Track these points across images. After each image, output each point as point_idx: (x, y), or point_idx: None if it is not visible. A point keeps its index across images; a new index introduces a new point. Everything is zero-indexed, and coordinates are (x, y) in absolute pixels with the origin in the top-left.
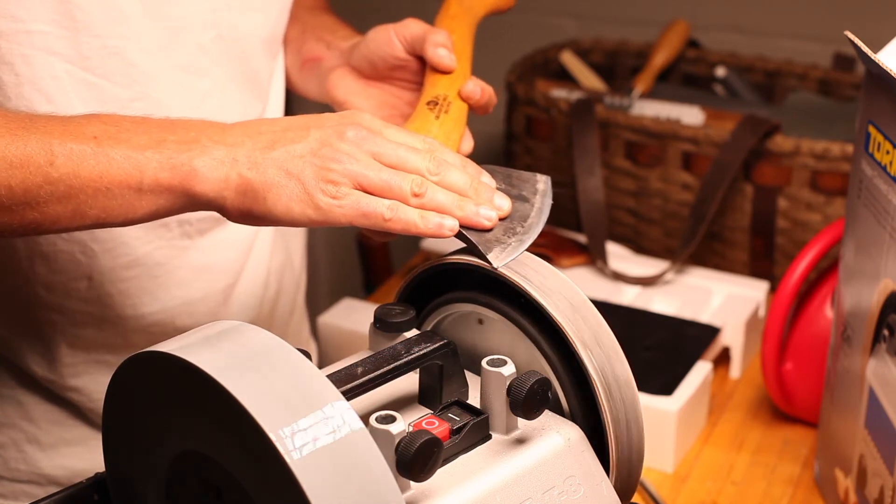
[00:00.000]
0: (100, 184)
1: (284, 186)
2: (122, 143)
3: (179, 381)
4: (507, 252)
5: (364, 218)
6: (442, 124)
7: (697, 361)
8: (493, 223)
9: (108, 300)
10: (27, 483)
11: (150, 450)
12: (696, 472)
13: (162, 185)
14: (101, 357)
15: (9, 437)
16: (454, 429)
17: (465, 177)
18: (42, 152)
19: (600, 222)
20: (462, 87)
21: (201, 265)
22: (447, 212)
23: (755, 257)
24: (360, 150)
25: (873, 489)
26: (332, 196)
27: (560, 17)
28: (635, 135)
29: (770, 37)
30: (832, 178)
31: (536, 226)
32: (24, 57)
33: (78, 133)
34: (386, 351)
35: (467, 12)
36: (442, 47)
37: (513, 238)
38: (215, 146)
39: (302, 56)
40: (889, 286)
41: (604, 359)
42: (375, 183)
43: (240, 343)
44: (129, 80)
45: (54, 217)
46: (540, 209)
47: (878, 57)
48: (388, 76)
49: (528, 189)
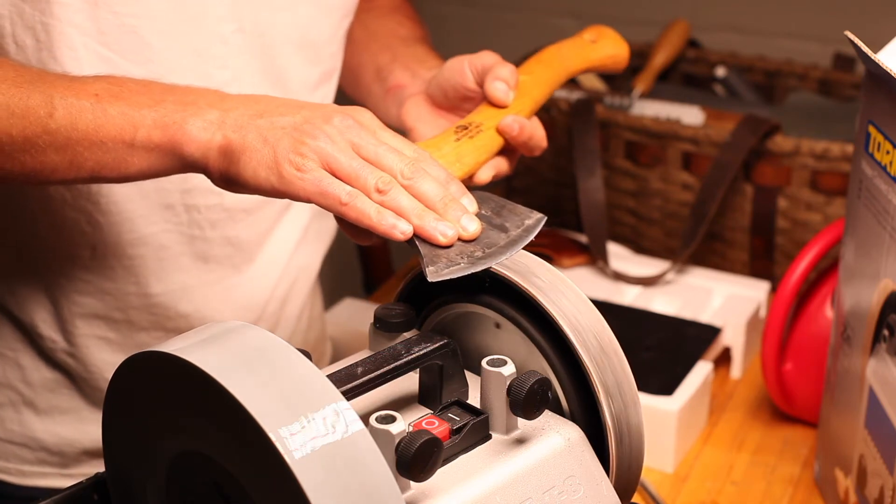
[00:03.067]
0: (95, 137)
1: (258, 151)
2: (122, 101)
3: (179, 381)
4: (450, 270)
5: (322, 196)
6: (458, 147)
7: (698, 361)
8: (449, 241)
9: (111, 273)
10: (19, 445)
11: (150, 450)
12: (696, 472)
13: (153, 142)
14: (101, 332)
15: (7, 398)
16: (454, 429)
17: (438, 190)
18: (43, 104)
19: (601, 222)
20: (502, 120)
21: (204, 255)
22: (405, 217)
23: (755, 257)
24: (341, 136)
25: (873, 489)
26: (297, 167)
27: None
28: (635, 135)
29: (770, 37)
30: (832, 178)
31: (499, 255)
32: (44, 25)
33: (81, 90)
34: (386, 351)
35: (560, 61)
36: (501, 81)
37: (464, 260)
38: (210, 109)
39: (388, 84)
40: (889, 286)
41: (604, 359)
42: (344, 168)
43: (240, 343)
44: (143, 58)
45: (52, 165)
46: (513, 241)
47: (878, 57)
48: (458, 107)
49: (513, 221)
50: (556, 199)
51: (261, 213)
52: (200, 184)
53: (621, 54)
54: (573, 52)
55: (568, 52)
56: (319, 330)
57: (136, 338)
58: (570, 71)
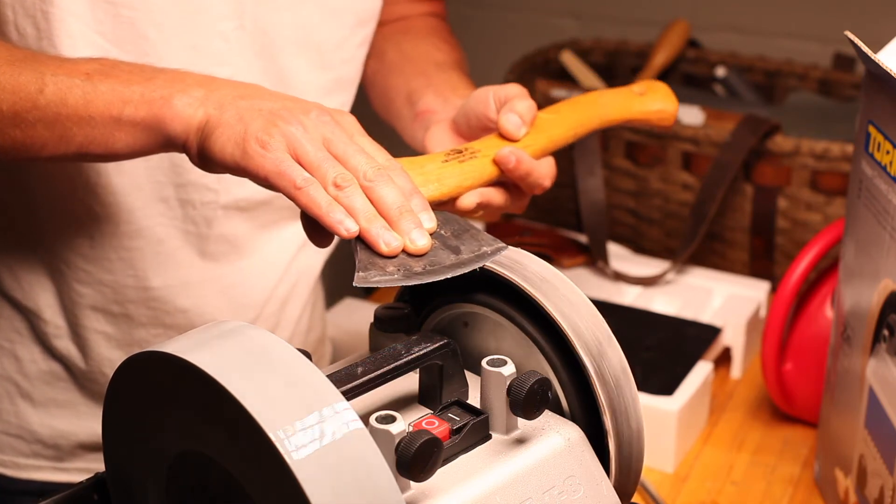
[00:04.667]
0: (84, 112)
1: (231, 127)
2: (112, 79)
3: (179, 381)
4: (377, 280)
5: (278, 177)
6: (443, 168)
7: (698, 361)
8: (392, 251)
9: (108, 265)
10: (15, 437)
11: (150, 450)
12: (696, 472)
13: (139, 116)
14: (100, 326)
15: (3, 389)
16: (454, 429)
17: (397, 198)
18: (34, 81)
19: (601, 222)
20: (499, 151)
21: (202, 250)
22: (355, 217)
23: (755, 257)
24: (315, 129)
25: (873, 489)
26: (262, 145)
27: (560, 17)
28: (635, 135)
29: (770, 37)
30: (832, 178)
31: (439, 274)
32: (45, 13)
33: (72, 69)
34: (386, 351)
35: (594, 108)
36: (515, 114)
37: (398, 273)
38: (197, 88)
39: (417, 108)
40: (889, 286)
41: (604, 359)
42: (309, 156)
43: (240, 343)
44: (139, 51)
45: (41, 141)
46: (459, 264)
47: (878, 57)
48: (479, 136)
49: (469, 246)
50: (556, 199)
51: (256, 213)
52: (196, 179)
53: (669, 110)
54: (615, 100)
55: (609, 100)
56: (320, 332)
57: (134, 334)
58: (606, 119)
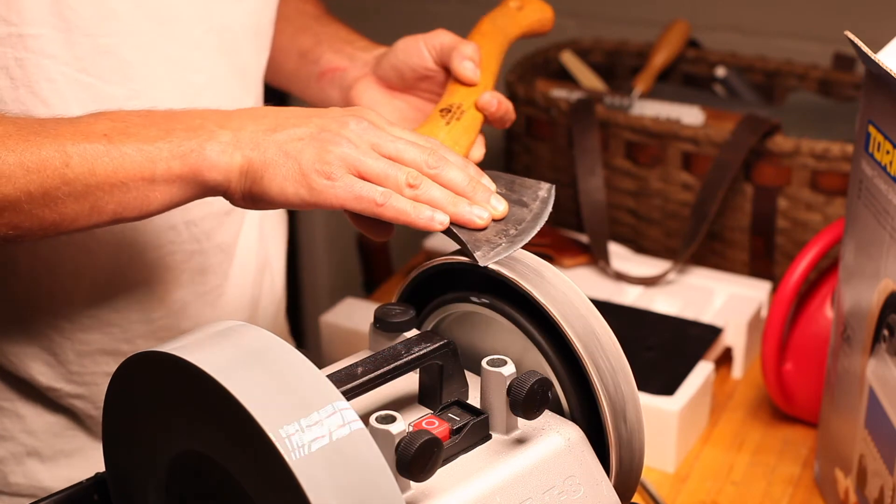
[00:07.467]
0: (115, 179)
1: (282, 166)
2: (133, 137)
3: (179, 381)
4: (496, 252)
5: (357, 201)
6: (451, 130)
7: (699, 361)
8: (486, 223)
9: (114, 304)
10: (27, 497)
11: (150, 450)
12: (696, 471)
13: (174, 173)
14: (109, 368)
15: (8, 451)
16: (454, 429)
17: (463, 175)
18: (57, 155)
19: (602, 222)
20: (479, 97)
21: (202, 267)
22: (440, 207)
23: (755, 257)
24: (361, 139)
25: (873, 489)
26: (326, 177)
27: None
28: (635, 135)
29: (770, 37)
30: (832, 178)
31: (531, 230)
32: (19, 60)
33: (89, 132)
34: (386, 351)
35: (499, 32)
36: (468, 60)
37: (504, 239)
38: (221, 130)
39: (320, 66)
40: (889, 286)
41: (604, 359)
42: (372, 170)
43: (240, 343)
44: (123, 77)
45: (73, 215)
46: (537, 214)
47: (878, 57)
48: (414, 87)
49: (528, 195)
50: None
51: (235, 213)
52: None
53: (547, 17)
54: (506, 21)
55: (502, 21)
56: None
57: None
58: (509, 39)
